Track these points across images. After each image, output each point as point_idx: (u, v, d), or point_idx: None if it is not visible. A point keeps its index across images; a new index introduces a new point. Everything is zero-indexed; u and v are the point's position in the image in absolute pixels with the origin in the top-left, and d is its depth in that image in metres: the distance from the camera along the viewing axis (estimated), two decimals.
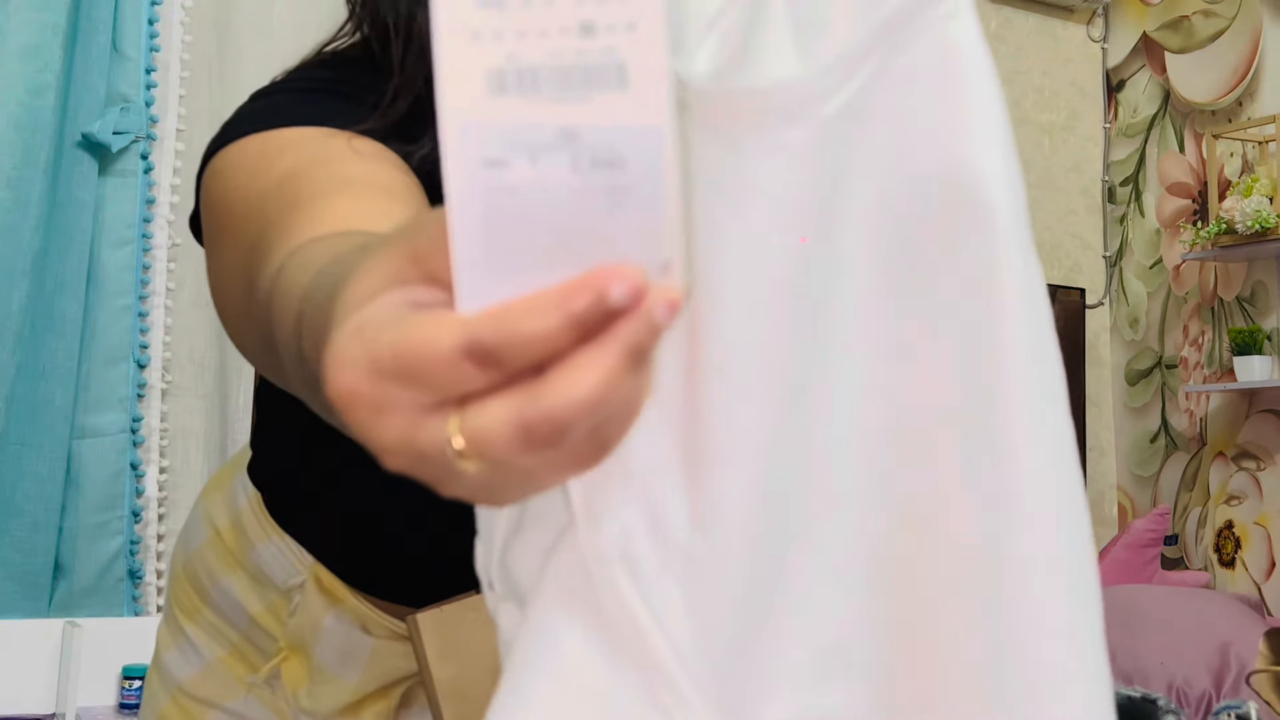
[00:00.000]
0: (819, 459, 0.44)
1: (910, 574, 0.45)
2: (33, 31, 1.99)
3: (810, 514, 0.44)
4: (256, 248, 0.58)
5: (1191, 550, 2.98)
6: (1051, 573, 0.45)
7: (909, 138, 0.44)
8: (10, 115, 1.98)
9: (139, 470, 2.11)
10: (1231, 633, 2.23)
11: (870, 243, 0.44)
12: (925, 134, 0.44)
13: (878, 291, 0.44)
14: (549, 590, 0.44)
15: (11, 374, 1.97)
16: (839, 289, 0.44)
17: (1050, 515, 0.45)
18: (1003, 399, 0.44)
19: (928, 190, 0.44)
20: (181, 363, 2.16)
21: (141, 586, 2.11)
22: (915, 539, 0.45)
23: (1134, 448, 3.17)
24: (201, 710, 0.92)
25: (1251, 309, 2.88)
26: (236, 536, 0.92)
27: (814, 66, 0.42)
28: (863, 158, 0.43)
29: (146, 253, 2.13)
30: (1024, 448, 0.44)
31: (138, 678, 1.99)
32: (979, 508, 0.44)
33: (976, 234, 0.43)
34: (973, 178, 0.43)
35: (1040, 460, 0.45)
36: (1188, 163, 3.08)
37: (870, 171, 0.43)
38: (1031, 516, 0.44)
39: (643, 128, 0.31)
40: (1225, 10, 3.00)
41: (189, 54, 2.18)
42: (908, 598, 0.45)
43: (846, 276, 0.44)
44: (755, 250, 0.42)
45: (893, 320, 0.44)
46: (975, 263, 0.44)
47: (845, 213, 0.43)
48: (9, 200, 1.97)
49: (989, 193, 0.43)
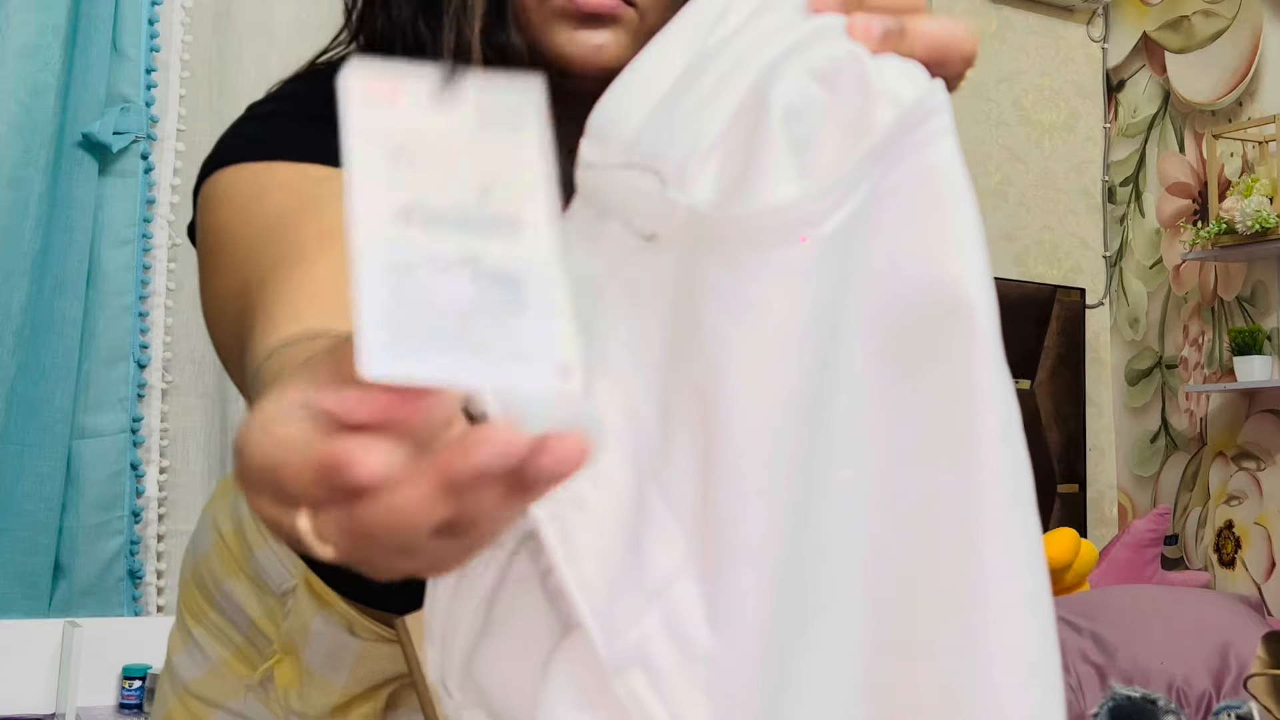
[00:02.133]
0: (822, 557, 0.48)
1: (901, 664, 0.50)
2: (33, 31, 1.99)
3: (814, 611, 0.48)
4: (246, 301, 0.62)
5: (1191, 550, 2.98)
6: (1018, 672, 0.50)
7: (897, 254, 0.48)
8: (10, 115, 1.98)
9: (139, 470, 2.11)
10: (1231, 633, 2.23)
11: (865, 352, 0.48)
12: (911, 251, 0.48)
13: (873, 397, 0.49)
14: (560, 696, 0.46)
15: (11, 374, 1.97)
16: (838, 395, 0.48)
17: (1018, 613, 0.50)
18: (978, 493, 0.50)
19: (916, 303, 0.49)
20: (181, 363, 2.16)
21: (141, 586, 2.11)
22: (907, 630, 0.50)
23: (1134, 448, 3.17)
24: (206, 710, 0.94)
25: (1251, 309, 2.88)
26: (238, 542, 0.93)
27: (812, 189, 0.46)
28: (857, 274, 0.48)
29: (146, 253, 2.13)
30: (995, 539, 0.50)
31: (138, 678, 1.99)
32: (951, 605, 0.50)
33: (961, 342, 0.49)
34: (955, 292, 0.48)
35: (1009, 554, 0.50)
36: (1188, 163, 3.08)
37: (864, 286, 0.48)
38: (1000, 614, 0.50)
39: (534, 264, 0.35)
40: (1225, 10, 3.00)
41: (189, 54, 2.18)
42: (899, 681, 0.50)
43: (844, 383, 0.48)
44: (761, 361, 0.46)
45: (888, 423, 0.49)
46: (959, 368, 0.49)
47: (842, 325, 0.48)
48: (9, 200, 1.97)
49: (971, 305, 0.48)
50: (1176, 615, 2.28)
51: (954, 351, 0.49)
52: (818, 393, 0.47)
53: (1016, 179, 3.17)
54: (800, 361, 0.46)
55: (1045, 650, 0.51)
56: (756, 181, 0.45)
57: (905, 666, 0.50)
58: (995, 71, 3.17)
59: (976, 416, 0.49)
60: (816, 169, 0.46)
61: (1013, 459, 0.50)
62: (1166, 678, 2.12)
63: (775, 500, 0.46)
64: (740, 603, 0.45)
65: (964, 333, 0.49)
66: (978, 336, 0.49)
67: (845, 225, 0.46)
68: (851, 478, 0.48)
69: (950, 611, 0.49)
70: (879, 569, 0.49)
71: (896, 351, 0.49)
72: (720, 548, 0.45)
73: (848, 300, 0.48)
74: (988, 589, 0.49)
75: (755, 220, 0.45)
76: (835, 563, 0.48)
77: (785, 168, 0.45)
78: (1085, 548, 2.51)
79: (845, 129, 0.46)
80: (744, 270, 0.45)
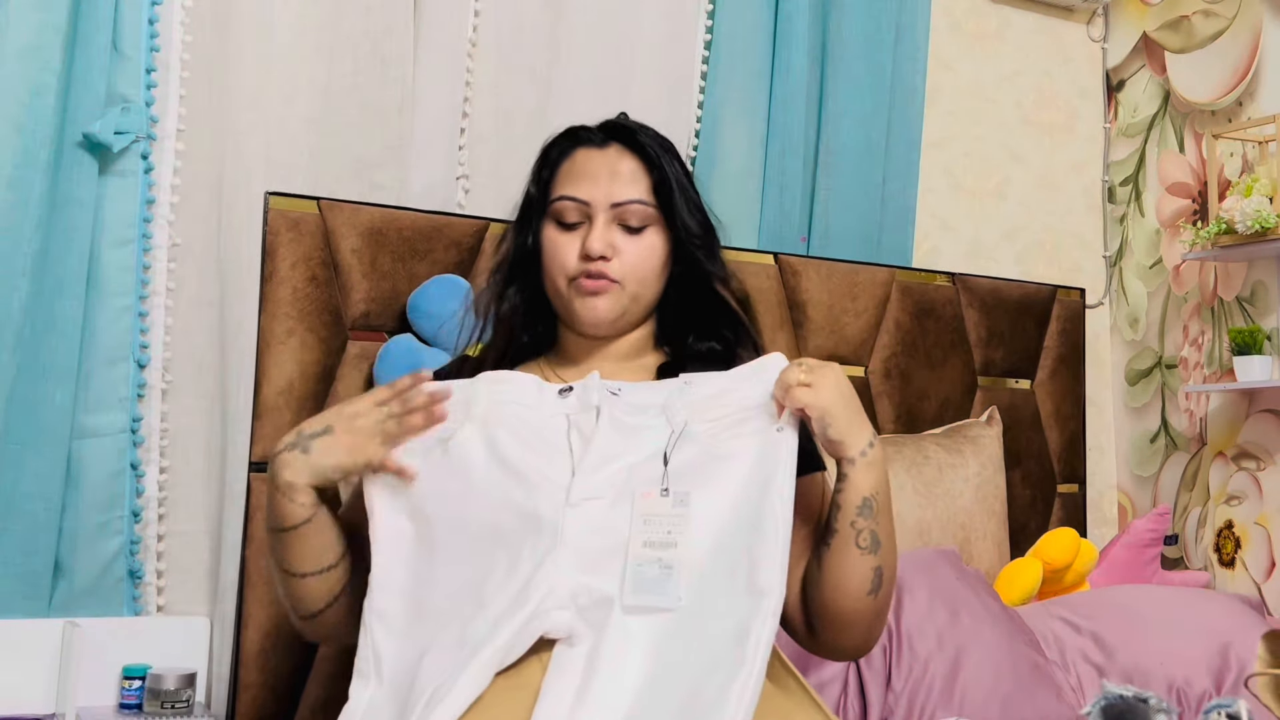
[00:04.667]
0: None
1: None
2: (33, 31, 1.99)
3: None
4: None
5: (1191, 550, 2.98)
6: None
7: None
8: (10, 115, 1.98)
9: (139, 470, 2.11)
10: (1231, 633, 2.23)
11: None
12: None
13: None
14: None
15: (11, 374, 1.97)
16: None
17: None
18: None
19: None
20: (181, 363, 2.15)
21: (141, 586, 2.11)
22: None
23: (1134, 448, 3.17)
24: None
25: (1251, 309, 2.88)
26: None
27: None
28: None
29: (146, 253, 2.13)
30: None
31: (138, 678, 1.99)
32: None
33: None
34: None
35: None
36: (1188, 163, 3.08)
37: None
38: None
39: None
40: (1225, 10, 3.00)
41: (189, 54, 2.18)
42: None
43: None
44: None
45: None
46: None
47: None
48: (9, 200, 1.97)
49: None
50: (1176, 615, 2.28)
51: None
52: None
53: (1016, 179, 3.17)
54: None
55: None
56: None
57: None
58: (995, 71, 3.17)
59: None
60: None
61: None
62: (1166, 678, 2.12)
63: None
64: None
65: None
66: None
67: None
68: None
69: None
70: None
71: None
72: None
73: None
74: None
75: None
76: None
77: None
78: (1085, 548, 2.51)
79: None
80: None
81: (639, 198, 1.39)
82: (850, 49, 2.76)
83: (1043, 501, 2.92)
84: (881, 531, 1.23)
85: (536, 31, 2.48)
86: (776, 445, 1.20)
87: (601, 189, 1.39)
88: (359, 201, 2.15)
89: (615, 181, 1.39)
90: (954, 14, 3.11)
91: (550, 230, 1.42)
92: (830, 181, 2.73)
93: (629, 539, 1.15)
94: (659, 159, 1.42)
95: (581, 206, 1.39)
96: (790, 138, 2.67)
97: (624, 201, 1.39)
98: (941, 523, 2.46)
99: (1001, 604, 2.19)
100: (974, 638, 2.04)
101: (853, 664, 2.00)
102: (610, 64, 2.54)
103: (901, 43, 2.85)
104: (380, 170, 2.30)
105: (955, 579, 2.16)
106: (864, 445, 1.22)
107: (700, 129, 2.64)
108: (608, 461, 1.20)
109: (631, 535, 1.15)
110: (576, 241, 1.39)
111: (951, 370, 2.77)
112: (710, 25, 2.68)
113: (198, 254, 2.17)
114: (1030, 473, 2.89)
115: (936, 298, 2.76)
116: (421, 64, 2.37)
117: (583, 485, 1.18)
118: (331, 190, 2.23)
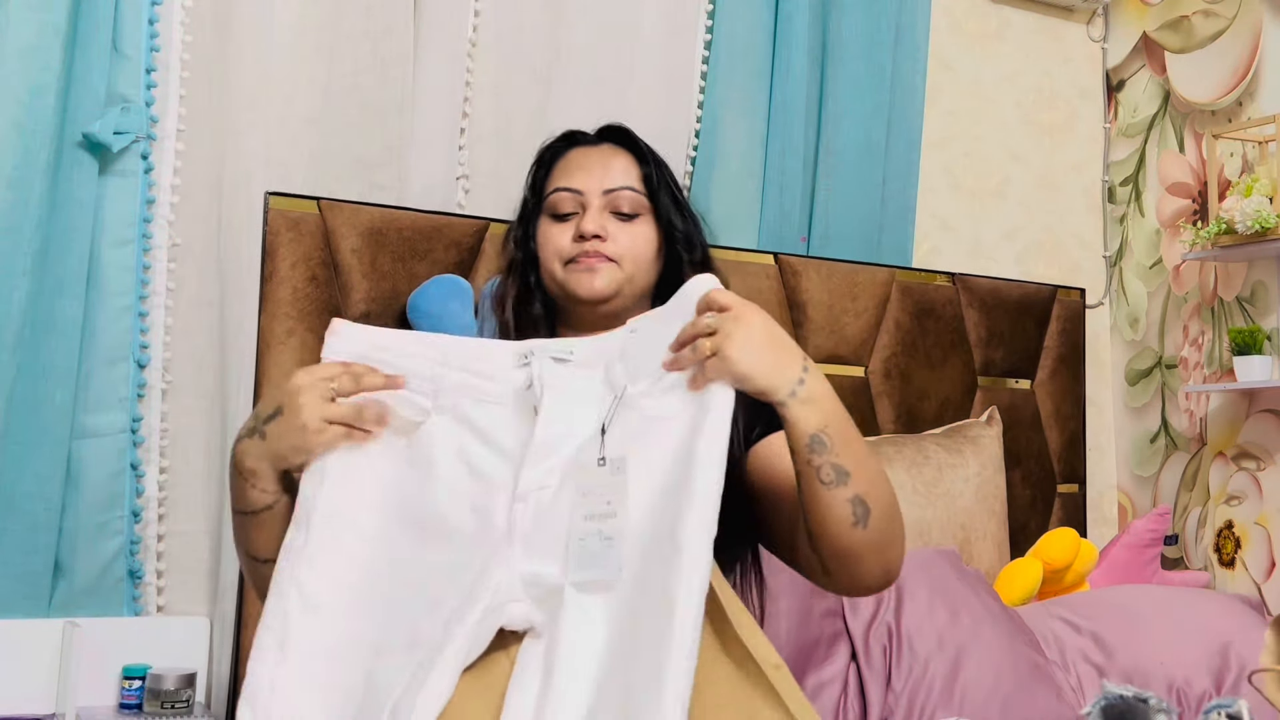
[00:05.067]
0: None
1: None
2: (33, 31, 1.99)
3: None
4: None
5: (1191, 550, 2.98)
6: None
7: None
8: (10, 115, 1.97)
9: (139, 470, 2.11)
10: (1231, 633, 2.23)
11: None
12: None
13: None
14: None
15: (11, 374, 1.97)
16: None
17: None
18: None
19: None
20: (181, 363, 2.15)
21: (141, 586, 2.11)
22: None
23: (1134, 448, 3.17)
24: None
25: (1251, 309, 2.88)
26: None
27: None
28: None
29: (146, 253, 2.13)
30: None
31: (138, 678, 1.99)
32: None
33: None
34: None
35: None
36: (1188, 163, 3.08)
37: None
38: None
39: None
40: (1225, 10, 3.00)
41: (189, 54, 2.18)
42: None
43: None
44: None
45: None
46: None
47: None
48: (9, 200, 1.97)
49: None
50: (1176, 615, 2.28)
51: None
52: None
53: (1016, 179, 3.17)
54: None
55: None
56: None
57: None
58: (995, 71, 3.17)
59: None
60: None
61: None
62: (1166, 678, 2.12)
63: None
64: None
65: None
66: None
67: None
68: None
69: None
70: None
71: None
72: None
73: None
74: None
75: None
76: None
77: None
78: (1085, 548, 2.51)
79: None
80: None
81: (631, 185, 1.46)
82: (850, 49, 2.76)
83: (1043, 501, 2.92)
84: (846, 461, 1.17)
85: (536, 31, 2.48)
86: (710, 393, 1.14)
87: (595, 178, 1.46)
88: (359, 201, 2.15)
89: (608, 171, 1.46)
90: (954, 14, 3.11)
91: (545, 224, 1.47)
92: (830, 181, 2.73)
93: (570, 514, 1.12)
94: (650, 154, 1.49)
95: (575, 196, 1.45)
96: (790, 138, 2.67)
97: (617, 187, 1.45)
98: (941, 523, 2.46)
99: (1001, 604, 2.19)
100: (974, 638, 2.04)
101: (853, 664, 2.01)
102: (610, 64, 2.54)
103: (901, 43, 2.85)
104: (380, 170, 2.30)
105: (955, 579, 2.16)
106: (792, 386, 1.15)
107: (700, 129, 2.64)
108: (553, 449, 1.17)
109: (573, 510, 1.12)
110: (571, 228, 1.45)
111: (951, 370, 2.78)
112: (710, 25, 2.68)
113: (198, 254, 2.17)
114: (1030, 473, 2.89)
115: (936, 298, 2.76)
116: (421, 64, 2.37)
117: (528, 477, 1.15)
118: (331, 190, 2.23)
